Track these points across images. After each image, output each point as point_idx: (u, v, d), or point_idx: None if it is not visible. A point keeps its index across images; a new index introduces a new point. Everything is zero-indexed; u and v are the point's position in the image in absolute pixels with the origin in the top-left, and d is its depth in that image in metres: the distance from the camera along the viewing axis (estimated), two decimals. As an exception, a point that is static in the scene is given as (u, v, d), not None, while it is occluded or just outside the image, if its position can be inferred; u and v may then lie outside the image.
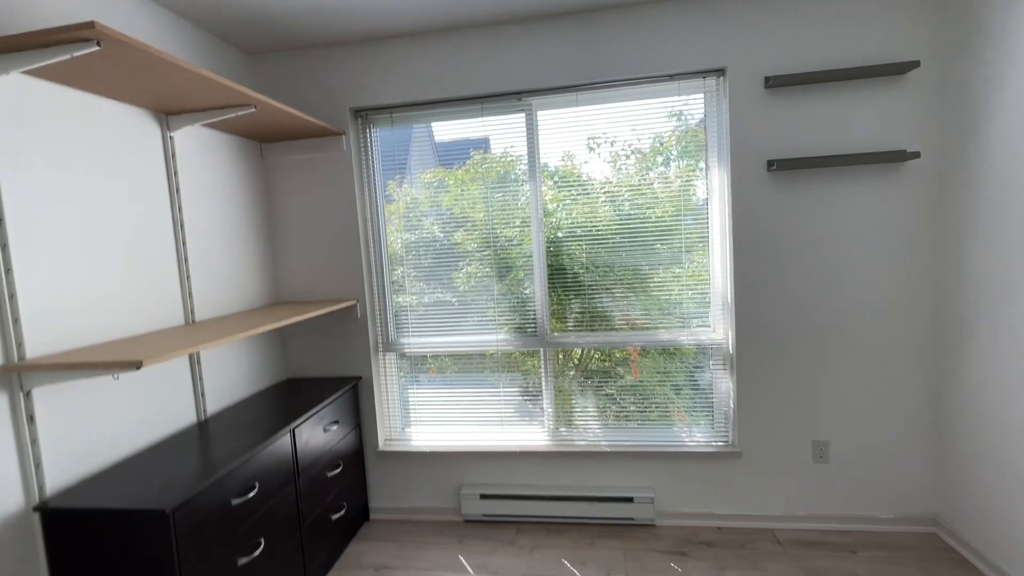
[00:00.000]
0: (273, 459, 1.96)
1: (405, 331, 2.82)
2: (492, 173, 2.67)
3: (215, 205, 2.34)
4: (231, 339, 1.76)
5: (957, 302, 2.19)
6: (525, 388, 2.80)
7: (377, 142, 2.72)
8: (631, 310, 2.64)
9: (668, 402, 2.68)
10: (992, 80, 1.95)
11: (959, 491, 2.24)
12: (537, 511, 2.63)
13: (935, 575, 2.11)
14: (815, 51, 2.24)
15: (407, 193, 2.75)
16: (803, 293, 2.37)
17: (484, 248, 2.69)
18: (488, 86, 2.50)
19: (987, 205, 2.01)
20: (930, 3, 2.17)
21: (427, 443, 2.81)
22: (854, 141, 2.26)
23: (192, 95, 1.88)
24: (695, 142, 2.51)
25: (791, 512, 2.48)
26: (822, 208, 2.32)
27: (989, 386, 2.05)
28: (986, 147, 1.99)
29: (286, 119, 2.28)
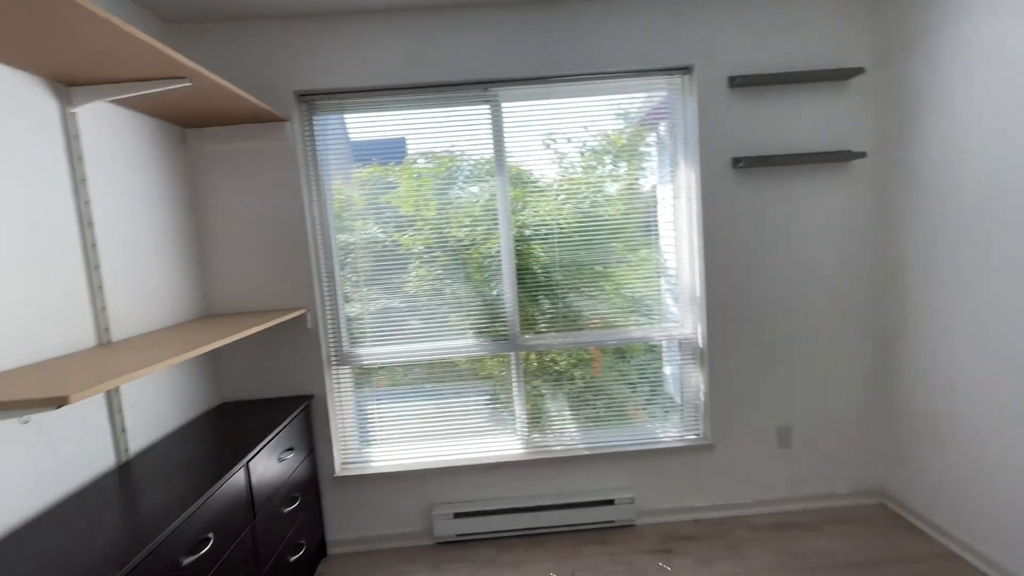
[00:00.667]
0: (228, 501, 1.64)
1: (361, 341, 2.55)
2: (442, 170, 2.49)
3: (132, 201, 1.94)
4: (166, 363, 1.43)
5: (900, 291, 2.39)
6: (495, 395, 2.65)
7: (325, 131, 2.43)
8: (601, 308, 2.59)
9: (639, 399, 2.68)
10: (929, 85, 2.14)
11: (903, 463, 2.45)
12: (516, 524, 2.49)
13: (892, 542, 2.28)
14: (775, 54, 2.35)
15: (359, 189, 2.49)
16: (767, 286, 2.47)
17: (447, 249, 2.51)
18: (452, 74, 2.33)
19: (926, 201, 2.21)
20: (872, 14, 2.35)
21: (391, 463, 2.56)
22: (810, 141, 2.39)
23: (105, 60, 1.51)
24: (661, 138, 2.52)
25: (760, 498, 2.57)
26: (783, 204, 2.43)
27: (928, 369, 2.26)
28: (925, 148, 2.19)
29: (223, 100, 1.95)
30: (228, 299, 2.37)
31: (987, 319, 1.96)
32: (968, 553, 2.11)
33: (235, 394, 2.42)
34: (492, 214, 2.50)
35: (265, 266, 2.37)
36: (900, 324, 2.40)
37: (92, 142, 1.76)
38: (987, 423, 1.99)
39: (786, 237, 2.44)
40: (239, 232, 2.35)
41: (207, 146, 2.30)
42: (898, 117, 2.30)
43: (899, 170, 2.32)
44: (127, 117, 1.94)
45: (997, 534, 1.99)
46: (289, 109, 2.29)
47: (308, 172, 2.40)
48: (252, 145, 2.31)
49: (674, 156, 2.49)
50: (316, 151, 2.41)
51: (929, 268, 2.21)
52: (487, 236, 2.51)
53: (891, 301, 2.44)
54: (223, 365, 2.41)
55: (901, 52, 2.26)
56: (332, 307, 2.50)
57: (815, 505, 2.57)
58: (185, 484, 1.58)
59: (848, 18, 2.35)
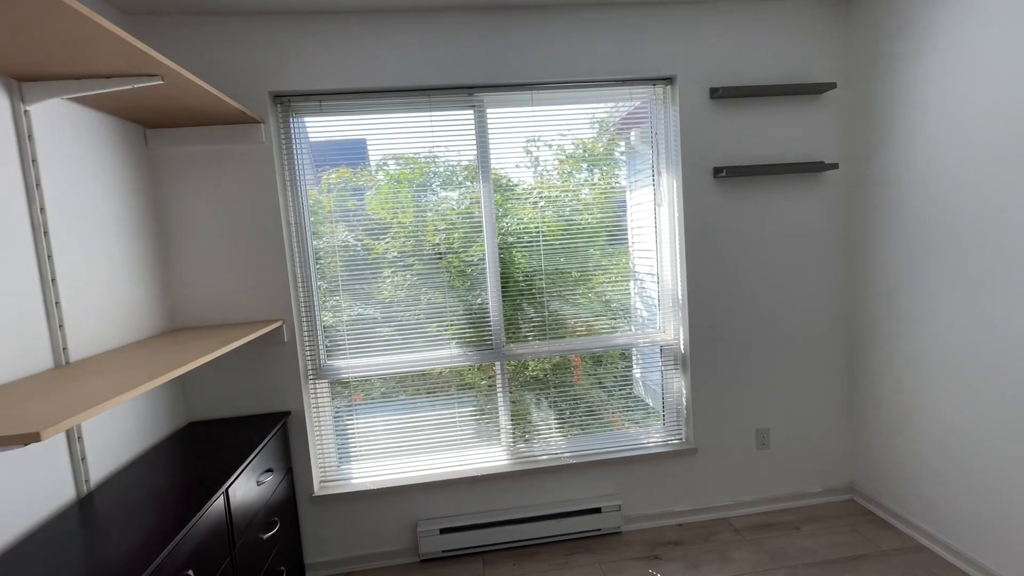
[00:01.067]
0: (207, 532, 1.52)
1: (339, 353, 2.44)
2: (418, 174, 2.43)
3: (91, 208, 1.78)
4: (139, 390, 1.30)
5: (867, 296, 2.51)
6: (479, 405, 2.60)
7: (302, 133, 2.32)
8: (585, 315, 2.59)
9: (622, 405, 2.69)
10: (895, 101, 2.26)
11: (871, 461, 2.57)
12: (503, 537, 2.45)
13: (865, 537, 2.38)
14: (754, 67, 2.41)
15: (336, 193, 2.38)
16: (745, 292, 2.54)
17: (423, 256, 2.44)
18: (437, 78, 2.27)
19: (893, 211, 2.32)
20: (842, 32, 2.46)
21: (372, 479, 2.47)
22: (786, 151, 2.47)
23: (66, 54, 1.37)
24: (643, 147, 2.55)
25: (741, 499, 2.63)
26: (761, 213, 2.50)
27: (895, 371, 2.38)
28: (891, 160, 2.30)
29: (193, 99, 1.82)
30: (198, 311, 2.22)
31: (951, 324, 2.08)
32: (935, 544, 2.23)
33: (205, 413, 2.26)
34: (472, 220, 2.45)
35: (238, 275, 2.24)
36: (870, 330, 2.51)
37: (47, 143, 1.60)
38: (950, 422, 2.11)
39: (764, 245, 2.52)
40: (209, 240, 2.20)
41: (171, 148, 2.14)
42: (867, 130, 2.42)
43: (868, 181, 2.44)
44: (85, 115, 1.78)
45: (961, 525, 2.11)
46: (264, 110, 2.17)
47: (284, 176, 2.28)
48: (222, 147, 2.17)
49: (656, 164, 2.53)
50: (293, 154, 2.29)
51: (897, 275, 2.33)
52: (468, 243, 2.47)
53: (861, 306, 2.55)
54: (192, 382, 2.25)
55: (869, 69, 2.37)
56: (309, 318, 2.39)
57: (792, 504, 2.66)
58: (159, 517, 1.46)
59: (820, 35, 2.45)
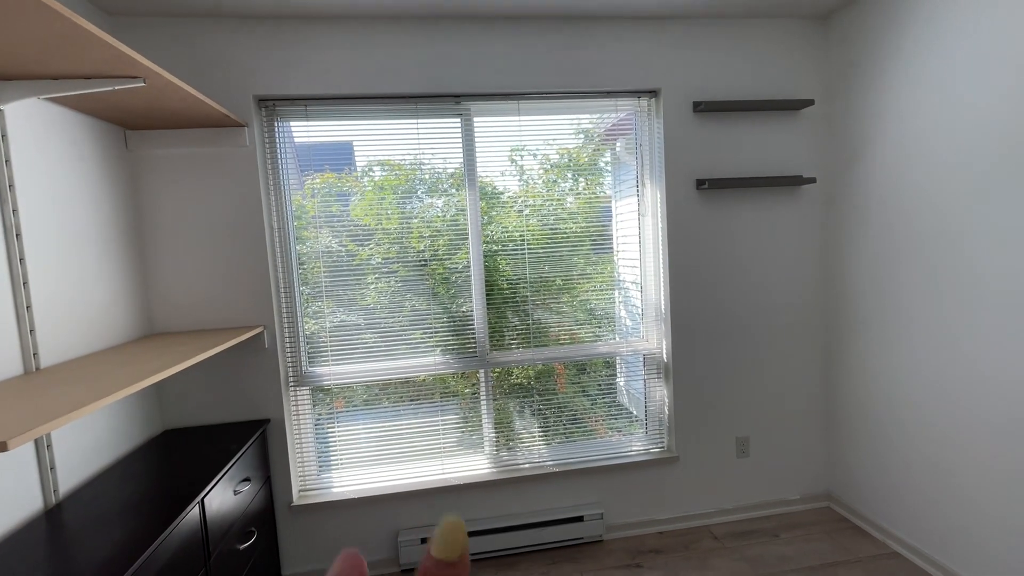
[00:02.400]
0: (180, 543, 1.49)
1: (321, 360, 2.41)
2: (402, 181, 2.42)
3: (66, 210, 1.74)
4: (112, 398, 1.26)
5: (843, 306, 2.56)
6: (463, 413, 2.58)
7: (287, 138, 2.30)
8: (568, 324, 2.61)
9: (605, 413, 2.70)
10: (870, 119, 2.33)
11: (847, 469, 2.62)
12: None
13: (841, 545, 2.42)
14: (735, 82, 2.47)
15: (321, 199, 2.36)
16: (726, 303, 2.58)
17: (407, 263, 2.44)
18: (423, 85, 2.28)
19: (865, 224, 2.39)
20: (819, 51, 2.53)
21: (352, 488, 2.43)
22: (766, 165, 2.53)
23: (46, 53, 1.35)
24: (617, 155, 2.59)
25: (721, 507, 2.66)
26: (742, 225, 2.55)
27: (868, 378, 2.44)
28: (866, 175, 2.37)
29: (176, 102, 1.79)
30: (176, 316, 2.17)
31: (924, 335, 2.14)
32: (909, 552, 2.28)
33: (181, 420, 2.21)
34: (456, 228, 2.45)
35: (218, 280, 2.20)
36: (845, 340, 2.57)
37: (21, 143, 1.56)
38: (925, 431, 2.17)
39: (744, 256, 2.57)
40: (190, 243, 2.17)
41: (152, 150, 2.11)
42: (842, 146, 2.49)
43: (843, 195, 2.50)
44: (62, 115, 1.75)
45: (934, 533, 2.16)
46: (248, 114, 2.15)
47: (268, 180, 2.26)
48: (205, 150, 2.14)
49: (640, 175, 2.56)
50: (277, 158, 2.27)
51: (871, 287, 2.39)
52: (452, 250, 2.47)
53: (837, 318, 2.61)
54: (168, 388, 2.20)
55: (844, 86, 2.44)
56: (291, 324, 2.35)
57: (770, 511, 2.69)
58: (131, 528, 1.42)
59: (799, 53, 2.52)
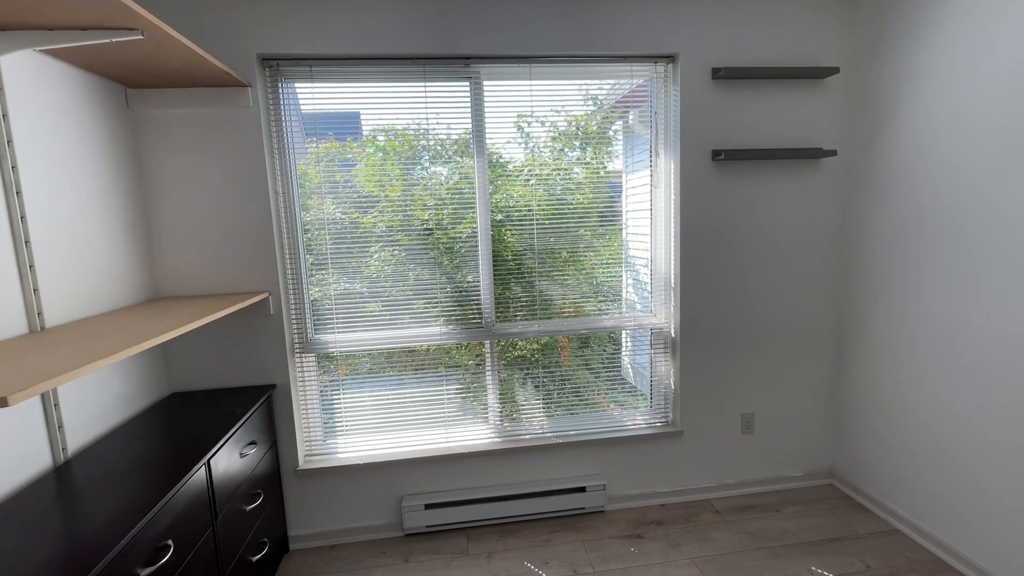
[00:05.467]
0: (188, 502, 1.50)
1: (327, 327, 2.40)
2: (406, 148, 2.36)
3: (68, 167, 1.70)
4: (115, 358, 1.25)
5: (858, 285, 2.51)
6: (467, 383, 2.58)
7: (292, 100, 2.24)
8: (575, 296, 2.57)
9: (608, 387, 2.70)
10: (896, 92, 2.23)
11: (852, 446, 2.61)
12: (488, 514, 2.46)
13: (843, 521, 2.43)
14: (756, 49, 2.36)
15: (325, 167, 2.31)
16: (738, 278, 2.53)
17: (411, 232, 2.39)
18: (432, 46, 2.20)
19: (888, 201, 2.31)
20: (848, 17, 2.41)
21: (358, 454, 2.46)
22: (785, 136, 2.44)
23: (40, 2, 1.29)
24: (641, 128, 2.51)
25: (723, 481, 2.67)
26: (757, 198, 2.48)
27: (878, 359, 2.40)
28: (887, 152, 2.28)
29: (176, 59, 1.73)
30: (180, 280, 2.16)
31: (938, 317, 2.09)
32: (909, 528, 2.29)
33: (187, 384, 2.22)
34: (462, 197, 2.40)
35: (222, 245, 2.17)
36: (857, 320, 2.53)
37: (19, 96, 1.52)
38: (929, 413, 2.14)
39: (758, 231, 2.50)
40: (194, 206, 2.13)
41: (154, 109, 2.06)
42: (866, 119, 2.39)
43: (866, 169, 2.42)
44: (61, 71, 1.69)
45: (933, 511, 2.15)
46: (251, 73, 2.09)
47: (272, 143, 2.21)
48: (207, 111, 2.09)
49: (654, 144, 2.48)
50: (281, 120, 2.21)
51: (888, 266, 2.33)
52: (457, 220, 2.42)
53: (852, 297, 2.56)
54: (174, 352, 2.20)
55: (873, 56, 2.33)
56: (296, 291, 2.34)
57: (773, 487, 2.70)
58: (139, 486, 1.43)
59: (826, 19, 2.40)
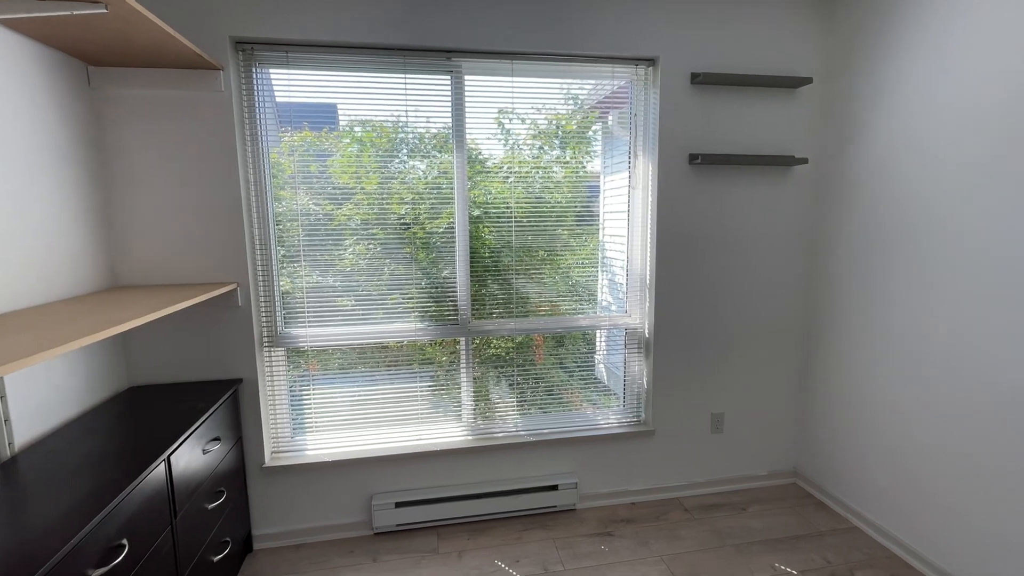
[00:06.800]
0: (145, 500, 1.44)
1: (297, 321, 2.34)
2: (384, 141, 2.32)
3: (21, 146, 1.61)
4: (67, 347, 1.19)
5: (825, 290, 2.59)
6: (440, 381, 2.56)
7: (266, 86, 2.17)
8: (551, 295, 2.58)
9: (582, 386, 2.71)
10: (867, 101, 2.30)
11: (816, 447, 2.69)
12: (459, 512, 2.44)
13: (806, 518, 2.51)
14: (734, 56, 2.41)
15: (299, 157, 2.25)
16: (711, 280, 2.57)
17: (387, 226, 2.35)
18: (414, 38, 2.16)
19: (854, 209, 2.39)
20: (822, 29, 2.48)
21: (327, 451, 2.40)
22: (759, 143, 2.50)
23: (-5, -31, 1.22)
24: (609, 128, 2.52)
25: (693, 480, 2.71)
26: (731, 202, 2.53)
27: (842, 363, 2.48)
28: (857, 159, 2.36)
29: (144, 35, 1.66)
30: (143, 269, 2.07)
31: (901, 322, 2.17)
32: (867, 526, 2.37)
33: (147, 377, 2.13)
34: (440, 192, 2.37)
35: (190, 233, 2.09)
36: (823, 324, 2.60)
37: (-31, 68, 1.43)
38: (889, 415, 2.22)
39: (731, 234, 2.55)
40: (159, 192, 2.05)
41: (118, 89, 1.96)
42: (835, 131, 2.47)
43: (834, 178, 2.49)
44: (16, 43, 1.60)
45: (893, 510, 2.24)
46: (224, 56, 2.01)
47: (244, 130, 2.14)
48: (176, 93, 2.00)
49: (633, 146, 2.50)
50: (255, 107, 2.14)
51: (854, 271, 2.41)
52: (434, 215, 2.39)
53: (819, 302, 2.63)
54: (134, 344, 2.11)
55: (843, 70, 2.40)
56: (266, 283, 2.27)
57: (740, 486, 2.76)
58: (92, 483, 1.36)
59: (801, 32, 2.46)
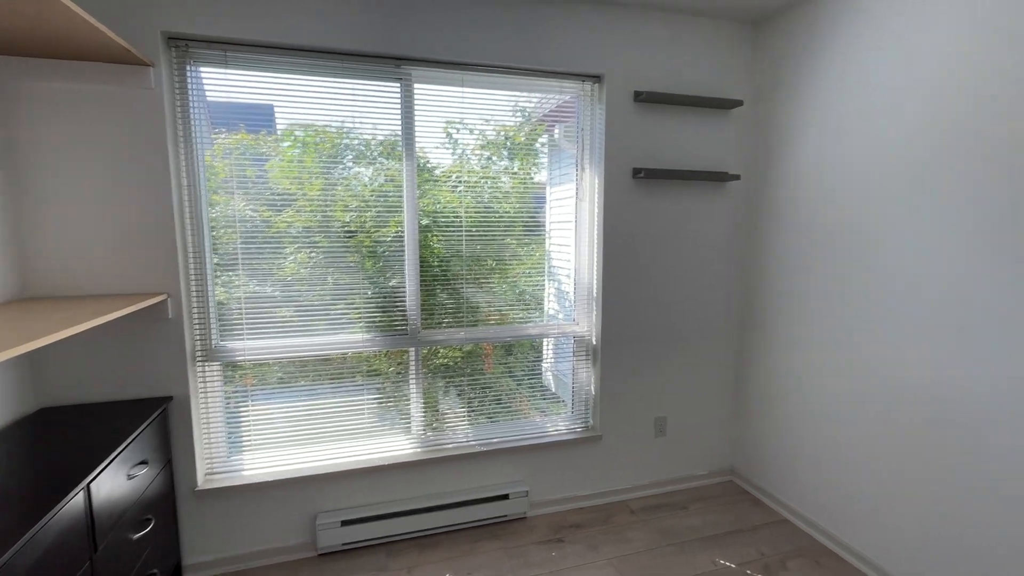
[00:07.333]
0: (59, 534, 1.31)
1: (234, 334, 2.22)
2: (329, 146, 2.27)
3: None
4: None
5: (756, 299, 2.77)
6: (387, 393, 2.50)
7: (198, 83, 2.05)
8: (501, 304, 2.59)
9: (531, 394, 2.74)
10: (791, 122, 2.50)
11: (750, 446, 2.86)
12: (408, 527, 2.38)
13: (742, 514, 2.65)
14: (675, 76, 2.55)
15: (235, 160, 2.15)
16: (655, 288, 2.69)
17: (330, 234, 2.29)
18: (364, 43, 2.13)
19: (781, 223, 2.58)
20: (750, 56, 2.67)
21: (267, 471, 2.28)
22: (697, 159, 2.65)
23: None
24: (567, 143, 2.60)
25: (638, 483, 2.80)
26: (672, 215, 2.66)
27: (773, 367, 2.66)
28: (783, 177, 2.55)
29: (63, 23, 1.52)
30: (58, 278, 1.88)
31: (827, 333, 2.35)
32: (796, 518, 2.54)
33: (62, 397, 1.94)
34: (385, 199, 2.34)
35: (114, 239, 1.93)
36: (757, 331, 2.78)
37: None
38: (816, 415, 2.41)
39: (672, 245, 2.68)
40: (78, 194, 1.88)
41: (29, 82, 1.79)
42: (765, 148, 2.66)
43: (764, 195, 2.68)
44: (-93, 25, 1.43)
45: (819, 502, 2.42)
46: (155, 52, 1.89)
47: (176, 131, 2.01)
48: (99, 88, 1.86)
49: (580, 160, 2.58)
50: (188, 107, 2.02)
51: (783, 284, 2.59)
52: (381, 223, 2.35)
53: (751, 311, 2.81)
54: (46, 361, 1.91)
55: (771, 92, 2.60)
56: (200, 293, 2.14)
57: (682, 486, 2.88)
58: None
59: (733, 57, 2.64)
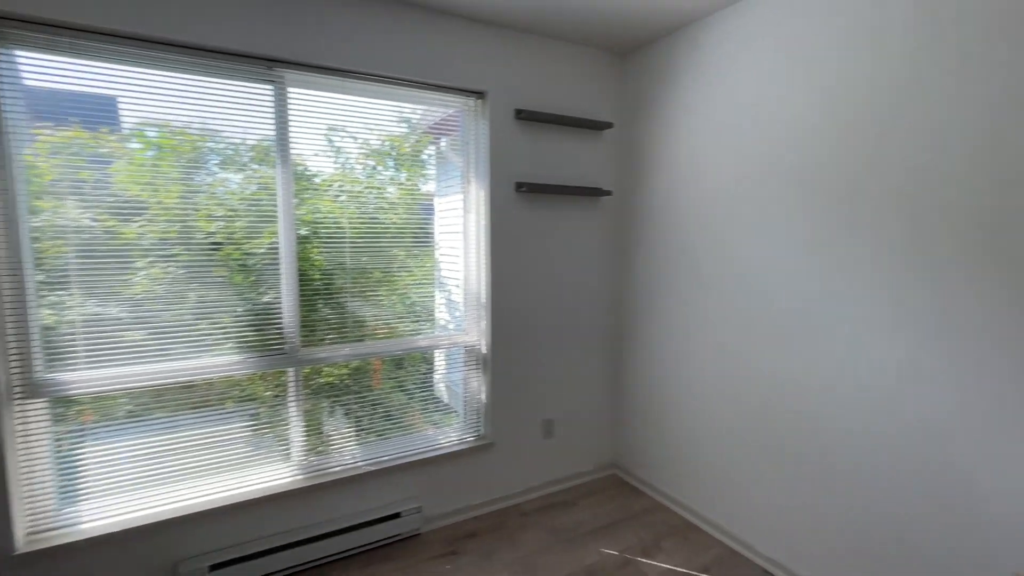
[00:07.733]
0: None
1: (66, 363, 1.89)
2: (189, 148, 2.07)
3: None
4: None
5: (630, 304, 3.03)
6: (263, 418, 2.30)
7: (12, 69, 1.73)
8: (386, 316, 2.53)
9: (421, 407, 2.70)
10: (652, 145, 2.79)
11: (629, 440, 3.10)
12: (293, 561, 2.20)
13: (623, 504, 2.85)
14: (553, 97, 2.71)
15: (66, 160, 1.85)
16: (539, 296, 2.81)
17: (192, 246, 2.07)
18: (231, 40, 1.97)
19: (649, 233, 2.86)
20: (617, 83, 2.94)
21: (111, 520, 1.96)
22: (575, 175, 2.84)
23: None
24: (442, 151, 2.63)
25: (529, 485, 2.89)
26: (553, 227, 2.81)
27: (643, 364, 2.93)
28: (648, 192, 2.84)
29: None
30: None
31: (692, 331, 2.64)
32: (672, 503, 2.80)
33: None
34: (258, 208, 2.18)
35: None
36: (631, 334, 3.04)
37: None
38: (687, 409, 2.69)
39: (554, 256, 2.84)
40: None
41: None
42: (632, 166, 2.93)
43: (632, 208, 2.95)
44: None
45: (691, 487, 2.69)
46: (-51, 26, 1.56)
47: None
48: None
49: (466, 172, 2.63)
50: (2, 95, 1.70)
51: (652, 289, 2.87)
52: (253, 233, 2.18)
53: (626, 315, 3.07)
54: None
55: (635, 116, 2.89)
56: (18, 317, 1.79)
57: (570, 484, 3.03)
58: None
59: (602, 81, 2.89)
